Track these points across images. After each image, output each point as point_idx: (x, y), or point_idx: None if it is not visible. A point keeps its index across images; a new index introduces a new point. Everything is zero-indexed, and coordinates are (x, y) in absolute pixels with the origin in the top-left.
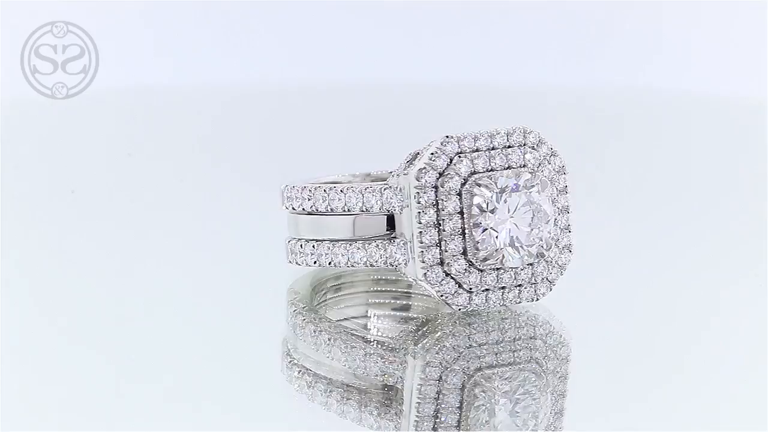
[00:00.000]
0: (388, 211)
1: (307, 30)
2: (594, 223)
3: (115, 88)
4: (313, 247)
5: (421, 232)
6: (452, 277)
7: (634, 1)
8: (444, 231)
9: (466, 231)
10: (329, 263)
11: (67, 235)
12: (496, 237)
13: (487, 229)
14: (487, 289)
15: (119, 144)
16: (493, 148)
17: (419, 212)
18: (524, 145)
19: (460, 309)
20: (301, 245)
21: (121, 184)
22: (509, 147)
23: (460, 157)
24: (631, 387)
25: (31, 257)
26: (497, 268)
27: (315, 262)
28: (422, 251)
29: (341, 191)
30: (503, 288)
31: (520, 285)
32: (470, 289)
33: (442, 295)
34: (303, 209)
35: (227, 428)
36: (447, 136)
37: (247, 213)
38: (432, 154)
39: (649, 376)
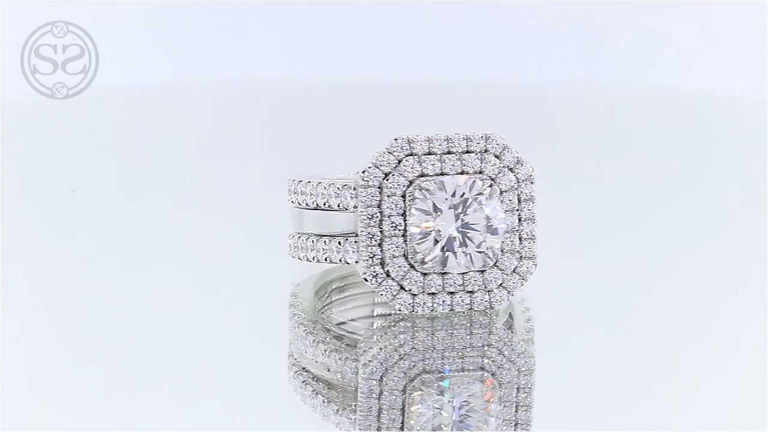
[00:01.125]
0: (345, 208)
1: (308, 28)
2: (593, 222)
3: (115, 88)
4: (296, 239)
5: (362, 231)
6: (393, 278)
7: (634, 1)
8: (385, 231)
9: (407, 233)
10: (303, 257)
11: (67, 235)
12: (436, 241)
13: (430, 232)
14: (433, 293)
15: (119, 144)
16: (448, 152)
17: (362, 211)
18: (485, 151)
19: (401, 310)
20: (290, 237)
21: (122, 183)
22: (468, 152)
23: (408, 158)
24: (611, 399)
25: (31, 257)
26: (443, 273)
27: (295, 255)
28: (363, 250)
29: (313, 186)
30: (452, 293)
31: (472, 291)
32: (412, 291)
33: (382, 295)
34: (291, 202)
35: (228, 425)
36: (396, 138)
37: (249, 211)
38: (380, 154)
39: (633, 387)
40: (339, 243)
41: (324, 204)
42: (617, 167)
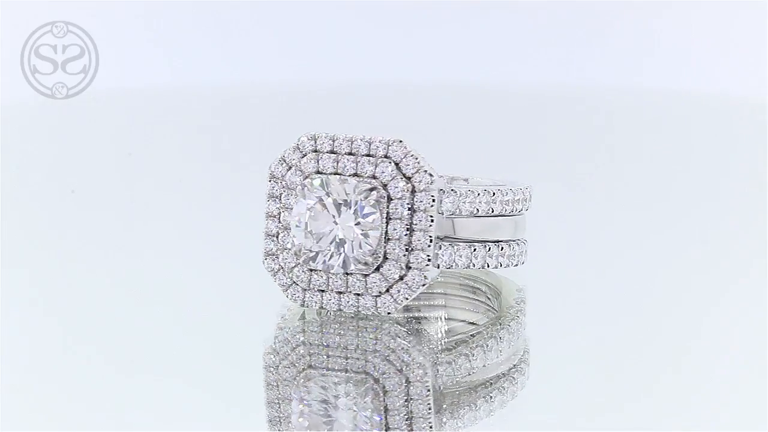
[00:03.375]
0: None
1: (307, 30)
2: (591, 223)
3: (115, 88)
4: None
5: (265, 222)
6: (285, 271)
7: (633, 1)
8: (282, 224)
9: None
10: None
11: (67, 235)
12: (307, 238)
13: (304, 230)
14: (321, 290)
15: (119, 144)
16: (350, 153)
17: (266, 203)
18: (386, 157)
19: (296, 303)
20: None
21: (121, 183)
22: (368, 155)
23: (311, 154)
24: (607, 398)
25: (31, 257)
26: (330, 271)
27: None
28: (264, 240)
29: None
30: (340, 293)
31: (359, 294)
32: (301, 285)
33: (279, 286)
34: None
35: (230, 424)
36: (304, 134)
37: (249, 211)
38: (288, 148)
39: (630, 386)
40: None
41: None
42: (615, 168)
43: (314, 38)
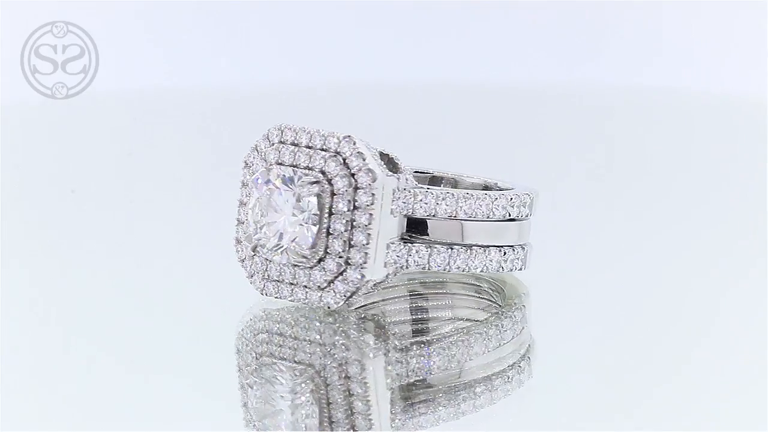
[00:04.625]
0: None
1: (306, 31)
2: (591, 223)
3: (115, 88)
4: None
5: (238, 209)
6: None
7: (633, 0)
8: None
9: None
10: None
11: (67, 235)
12: (256, 228)
13: (260, 220)
14: (278, 281)
15: (119, 144)
16: (309, 147)
17: (240, 189)
18: (337, 153)
19: (258, 291)
20: None
21: (121, 183)
22: (324, 150)
23: (276, 145)
24: (608, 398)
25: (31, 257)
26: (274, 262)
27: None
28: (235, 228)
29: None
30: (293, 284)
31: (306, 286)
32: (259, 274)
33: (245, 274)
34: None
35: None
36: (274, 125)
37: None
38: (259, 138)
39: (630, 387)
40: None
41: None
42: (615, 168)
43: (316, 38)
